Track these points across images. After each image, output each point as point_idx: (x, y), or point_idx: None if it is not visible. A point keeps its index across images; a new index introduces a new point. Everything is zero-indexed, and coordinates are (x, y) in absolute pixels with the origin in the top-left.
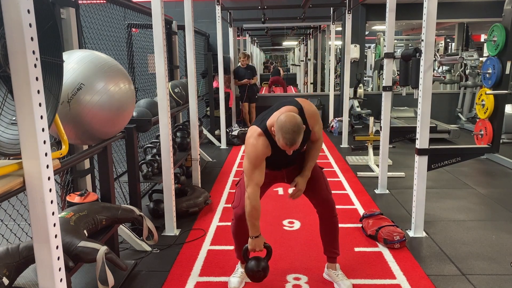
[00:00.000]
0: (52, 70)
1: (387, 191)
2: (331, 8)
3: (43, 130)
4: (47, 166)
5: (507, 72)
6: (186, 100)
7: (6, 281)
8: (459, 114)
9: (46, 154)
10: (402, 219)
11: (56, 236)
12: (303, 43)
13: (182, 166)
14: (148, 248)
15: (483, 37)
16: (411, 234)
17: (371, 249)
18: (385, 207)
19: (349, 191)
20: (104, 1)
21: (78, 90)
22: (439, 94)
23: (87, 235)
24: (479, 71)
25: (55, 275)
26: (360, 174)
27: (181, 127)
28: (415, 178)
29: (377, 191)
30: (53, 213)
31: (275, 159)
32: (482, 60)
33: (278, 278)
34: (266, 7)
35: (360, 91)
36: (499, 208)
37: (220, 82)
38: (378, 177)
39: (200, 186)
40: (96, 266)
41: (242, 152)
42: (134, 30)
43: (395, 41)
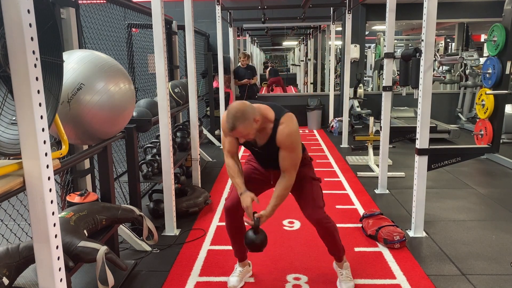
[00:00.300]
0: (52, 70)
1: (387, 191)
2: (331, 8)
3: (43, 130)
4: (47, 166)
5: (507, 72)
6: (186, 100)
7: (6, 281)
8: (459, 114)
9: (46, 154)
10: (402, 219)
11: (56, 236)
12: (303, 43)
13: (182, 166)
14: (148, 248)
15: (483, 37)
16: (411, 234)
17: (371, 249)
18: (385, 207)
19: (349, 191)
20: (104, 1)
21: (78, 90)
22: (439, 94)
23: (87, 235)
24: (479, 71)
25: (55, 275)
26: (360, 174)
27: (181, 127)
28: (415, 178)
29: (377, 191)
30: (53, 213)
31: (253, 150)
32: (480, 65)
33: (278, 278)
34: (266, 7)
35: (360, 91)
36: (499, 208)
37: (220, 82)
38: (378, 177)
39: (200, 186)
40: (96, 266)
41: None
42: (134, 30)
43: (395, 41)
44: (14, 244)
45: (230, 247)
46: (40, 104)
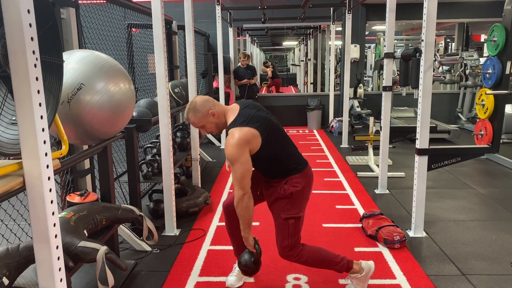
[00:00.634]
0: (52, 70)
1: (387, 191)
2: (331, 8)
3: (43, 130)
4: (47, 166)
5: (507, 72)
6: (186, 100)
7: (6, 281)
8: (459, 114)
9: (46, 154)
10: (402, 219)
11: (56, 236)
12: (303, 43)
13: (182, 166)
14: (148, 248)
15: (483, 37)
16: (411, 234)
17: (371, 249)
18: (385, 207)
19: (349, 191)
20: (104, 1)
21: (78, 90)
22: (439, 94)
23: (87, 235)
24: (479, 71)
25: (55, 275)
26: (360, 174)
27: (181, 127)
28: (415, 178)
29: (377, 191)
30: (53, 213)
31: None
32: (480, 65)
33: (278, 278)
34: (266, 7)
35: (360, 91)
36: (499, 208)
37: (220, 82)
38: (378, 177)
39: (200, 186)
40: (96, 266)
41: None
42: (134, 30)
43: (395, 41)
44: (14, 244)
45: (230, 247)
46: (40, 104)
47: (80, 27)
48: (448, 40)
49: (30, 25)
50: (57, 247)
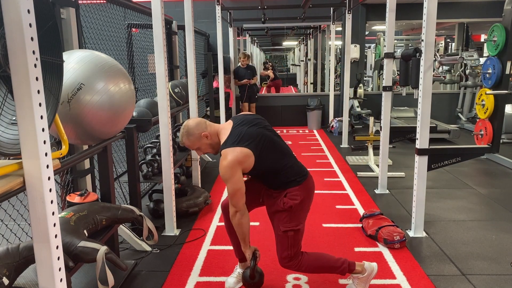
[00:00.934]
0: (52, 70)
1: (387, 191)
2: (331, 8)
3: (43, 130)
4: (47, 166)
5: (507, 72)
6: (186, 100)
7: (6, 281)
8: (459, 114)
9: (46, 154)
10: (402, 219)
11: (56, 236)
12: (303, 43)
13: (182, 166)
14: (148, 248)
15: (483, 37)
16: (411, 234)
17: (371, 249)
18: (385, 207)
19: (349, 191)
20: (104, 1)
21: (78, 90)
22: (439, 94)
23: (87, 235)
24: (479, 71)
25: (55, 275)
26: (360, 174)
27: (181, 127)
28: (415, 178)
29: (377, 191)
30: (53, 213)
31: None
32: (480, 65)
33: (278, 278)
34: (266, 7)
35: (360, 91)
36: (499, 208)
37: (220, 82)
38: (378, 177)
39: (200, 186)
40: (96, 266)
41: None
42: (134, 30)
43: (395, 41)
44: (14, 244)
45: (230, 247)
46: (40, 104)
47: (80, 27)
48: (448, 40)
49: (30, 25)
50: (57, 247)
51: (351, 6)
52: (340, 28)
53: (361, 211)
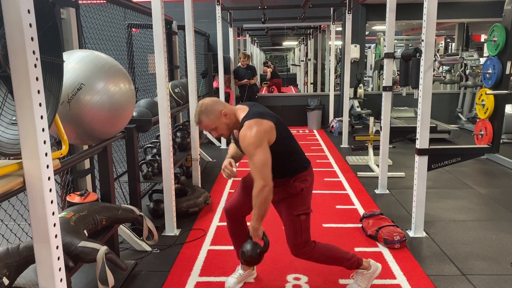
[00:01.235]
0: (52, 70)
1: (387, 191)
2: (331, 8)
3: (43, 130)
4: (47, 166)
5: (507, 72)
6: (186, 100)
7: (6, 281)
8: (459, 114)
9: (46, 154)
10: (402, 219)
11: (56, 236)
12: (303, 43)
13: (182, 166)
14: (148, 248)
15: (483, 37)
16: (411, 234)
17: (371, 249)
18: (385, 207)
19: (349, 191)
20: (104, 1)
21: (78, 90)
22: (439, 94)
23: (87, 235)
24: (479, 71)
25: (55, 275)
26: (360, 174)
27: (181, 127)
28: (415, 178)
29: (377, 191)
30: (53, 213)
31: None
32: (480, 65)
33: (278, 278)
34: (266, 7)
35: (360, 91)
36: (499, 208)
37: (220, 82)
38: (378, 177)
39: (200, 186)
40: (96, 266)
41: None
42: (134, 30)
43: (395, 41)
44: (14, 244)
45: (230, 247)
46: (40, 104)
47: (80, 27)
48: (448, 40)
49: (30, 25)
50: (57, 247)
51: (351, 6)
52: (340, 28)
53: (361, 211)
